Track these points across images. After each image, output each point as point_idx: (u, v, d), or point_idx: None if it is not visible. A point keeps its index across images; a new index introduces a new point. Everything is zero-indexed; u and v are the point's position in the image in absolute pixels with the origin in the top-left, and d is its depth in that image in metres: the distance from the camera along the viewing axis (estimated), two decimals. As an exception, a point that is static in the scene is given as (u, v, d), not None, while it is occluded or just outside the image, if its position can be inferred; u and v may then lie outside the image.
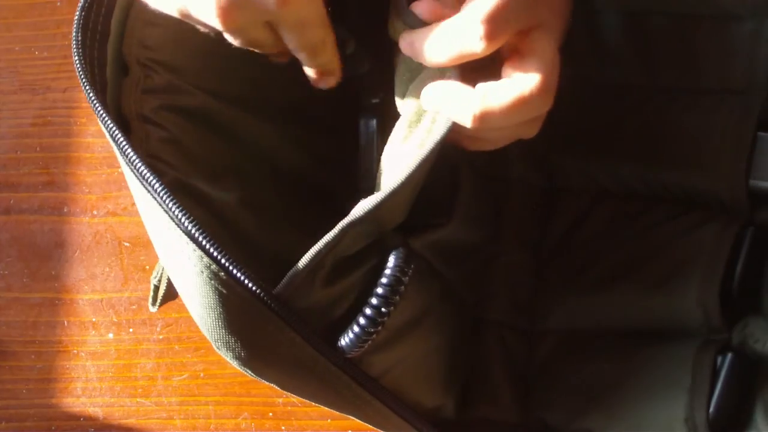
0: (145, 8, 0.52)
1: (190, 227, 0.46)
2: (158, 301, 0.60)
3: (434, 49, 0.47)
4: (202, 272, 0.46)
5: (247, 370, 0.51)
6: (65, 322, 0.75)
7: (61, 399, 0.74)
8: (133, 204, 0.77)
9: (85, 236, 0.76)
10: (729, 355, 0.53)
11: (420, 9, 0.48)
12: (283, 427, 0.74)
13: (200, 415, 0.74)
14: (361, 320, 0.48)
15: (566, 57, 0.55)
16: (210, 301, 0.47)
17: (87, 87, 0.50)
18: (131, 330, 0.76)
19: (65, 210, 0.77)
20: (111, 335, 0.75)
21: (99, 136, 0.78)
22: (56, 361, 0.75)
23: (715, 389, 0.53)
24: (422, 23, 0.48)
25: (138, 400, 0.74)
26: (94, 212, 0.77)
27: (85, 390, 0.74)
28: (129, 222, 0.77)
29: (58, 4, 0.78)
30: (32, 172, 0.77)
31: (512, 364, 0.61)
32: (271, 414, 0.74)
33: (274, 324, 0.47)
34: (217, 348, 0.50)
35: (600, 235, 0.60)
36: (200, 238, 0.45)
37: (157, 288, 0.60)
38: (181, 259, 0.47)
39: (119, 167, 0.78)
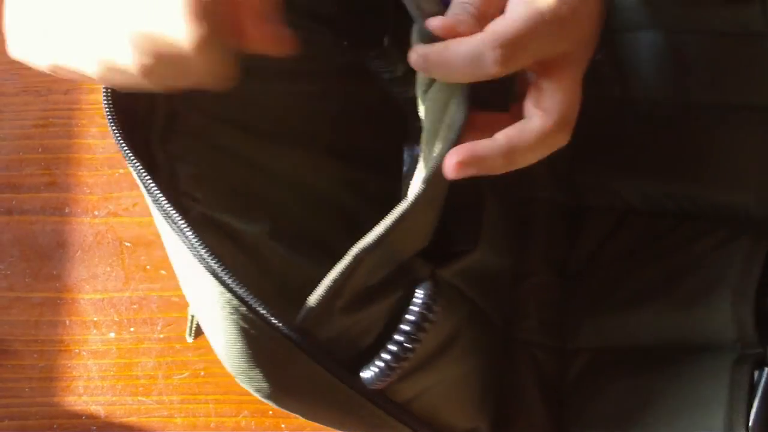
0: None
1: (213, 264, 0.46)
2: (193, 331, 0.61)
3: (447, 66, 0.46)
4: (224, 308, 0.46)
5: (271, 401, 0.51)
6: (67, 322, 0.76)
7: (63, 397, 0.75)
8: (135, 204, 0.78)
9: (87, 236, 0.77)
10: (766, 370, 0.52)
11: (435, 24, 0.47)
12: (282, 425, 0.75)
13: (201, 414, 0.75)
14: (385, 355, 0.48)
15: (590, 77, 0.56)
16: (232, 337, 0.47)
17: (115, 129, 0.50)
18: (132, 329, 0.76)
19: (67, 210, 0.77)
20: (112, 334, 0.76)
21: (100, 138, 0.78)
22: (58, 360, 0.75)
23: (753, 404, 0.52)
24: (436, 39, 0.48)
25: (139, 398, 0.75)
26: (96, 213, 0.78)
27: (86, 388, 0.75)
28: (130, 222, 0.78)
29: (60, 6, 0.79)
30: (34, 173, 0.78)
31: (545, 384, 0.61)
32: (270, 412, 0.74)
33: (296, 355, 0.47)
34: (241, 381, 0.50)
35: (629, 252, 0.60)
36: (223, 276, 0.46)
37: (193, 317, 0.60)
38: (204, 294, 0.47)
39: (120, 168, 0.79)
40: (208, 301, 0.47)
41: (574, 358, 0.62)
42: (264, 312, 0.46)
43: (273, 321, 0.46)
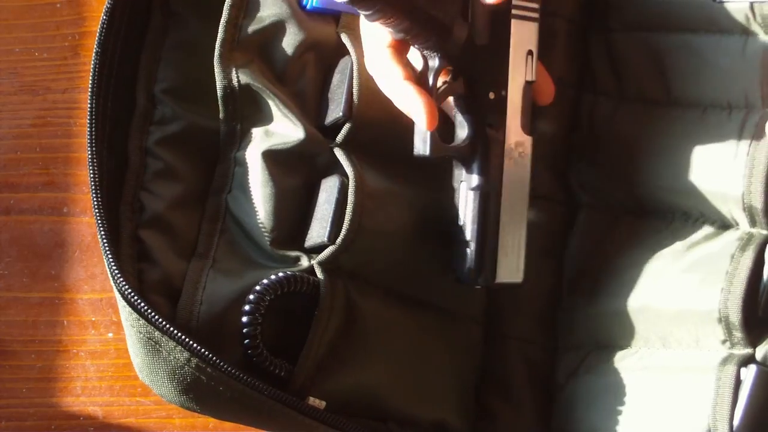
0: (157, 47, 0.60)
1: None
2: None
3: None
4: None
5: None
6: (65, 322, 0.76)
7: (61, 398, 0.75)
8: (133, 204, 0.78)
9: (85, 236, 0.77)
10: (753, 368, 0.52)
11: None
12: (281, 426, 0.74)
13: (199, 414, 0.75)
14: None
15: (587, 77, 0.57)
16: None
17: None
18: (130, 329, 0.76)
19: (65, 210, 0.77)
20: (110, 334, 0.76)
21: (98, 137, 0.78)
22: (56, 361, 0.75)
23: (738, 402, 0.52)
24: None
25: (137, 399, 0.75)
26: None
27: (84, 389, 0.75)
28: (128, 222, 0.77)
29: (58, 5, 0.79)
30: (32, 173, 0.78)
31: (536, 381, 0.62)
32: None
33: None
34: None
35: (621, 250, 0.61)
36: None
37: None
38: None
39: (119, 168, 0.79)
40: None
41: (565, 355, 0.62)
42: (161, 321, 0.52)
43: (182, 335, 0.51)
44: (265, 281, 0.54)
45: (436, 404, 0.60)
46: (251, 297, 0.53)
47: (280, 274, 0.54)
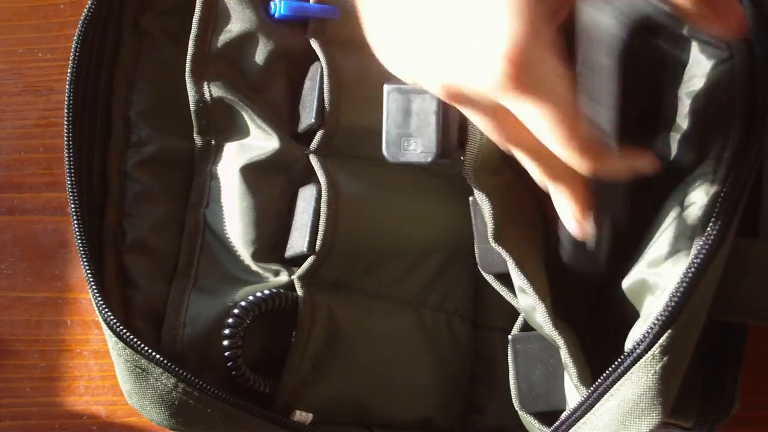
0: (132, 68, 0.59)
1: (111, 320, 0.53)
2: None
3: None
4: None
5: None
6: (68, 321, 0.76)
7: (65, 397, 0.75)
8: (136, 204, 0.78)
9: (88, 236, 0.77)
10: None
11: None
12: (284, 425, 0.74)
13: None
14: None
15: None
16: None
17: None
18: (133, 329, 0.76)
19: (68, 210, 0.77)
20: (113, 334, 0.76)
21: (102, 137, 0.78)
22: (59, 360, 0.75)
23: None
24: None
25: (140, 398, 0.75)
26: (97, 212, 0.78)
27: (88, 388, 0.75)
28: (131, 222, 0.77)
29: (61, 6, 0.79)
30: (36, 173, 0.78)
31: None
32: (272, 412, 0.74)
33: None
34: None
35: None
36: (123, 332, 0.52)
37: None
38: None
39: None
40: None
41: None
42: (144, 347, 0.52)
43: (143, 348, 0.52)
44: (243, 303, 0.54)
45: (421, 403, 0.60)
46: (230, 321, 0.54)
47: (258, 295, 0.54)
